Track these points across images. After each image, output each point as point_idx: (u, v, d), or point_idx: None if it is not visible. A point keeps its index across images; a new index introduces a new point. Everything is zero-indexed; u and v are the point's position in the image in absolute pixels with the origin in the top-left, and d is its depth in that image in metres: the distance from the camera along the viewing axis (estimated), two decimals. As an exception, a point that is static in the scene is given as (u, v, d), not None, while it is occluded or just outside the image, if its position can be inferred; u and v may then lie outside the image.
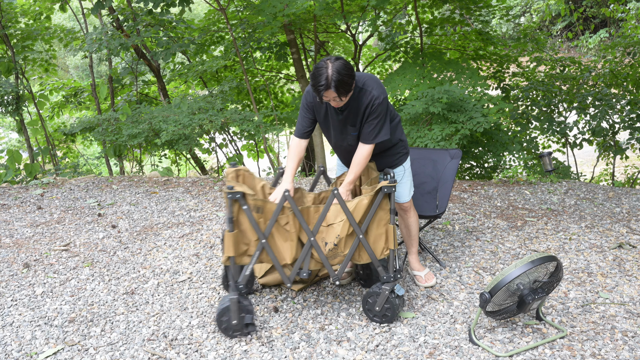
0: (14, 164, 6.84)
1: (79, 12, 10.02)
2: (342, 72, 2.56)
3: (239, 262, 2.73)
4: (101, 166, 11.69)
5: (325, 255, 2.76)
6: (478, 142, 6.58)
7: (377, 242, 2.76)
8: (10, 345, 2.72)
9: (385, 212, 2.73)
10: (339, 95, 2.60)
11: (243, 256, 2.75)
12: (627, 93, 7.54)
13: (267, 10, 6.51)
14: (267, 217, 2.67)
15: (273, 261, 2.73)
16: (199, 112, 6.98)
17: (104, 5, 6.60)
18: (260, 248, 2.70)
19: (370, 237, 2.75)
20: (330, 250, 2.74)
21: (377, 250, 2.77)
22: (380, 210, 2.72)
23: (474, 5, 7.51)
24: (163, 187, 5.82)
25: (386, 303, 2.79)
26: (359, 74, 2.82)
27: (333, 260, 2.79)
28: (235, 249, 2.68)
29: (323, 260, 2.75)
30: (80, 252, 3.96)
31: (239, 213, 2.65)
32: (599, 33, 16.33)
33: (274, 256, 2.72)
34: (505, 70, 8.19)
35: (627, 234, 4.03)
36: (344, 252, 2.77)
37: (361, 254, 2.80)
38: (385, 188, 2.65)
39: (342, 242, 2.72)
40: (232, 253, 2.67)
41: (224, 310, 2.68)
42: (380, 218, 2.73)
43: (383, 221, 2.74)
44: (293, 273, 2.77)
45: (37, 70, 9.17)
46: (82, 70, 23.37)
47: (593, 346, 2.56)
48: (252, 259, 2.71)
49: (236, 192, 2.58)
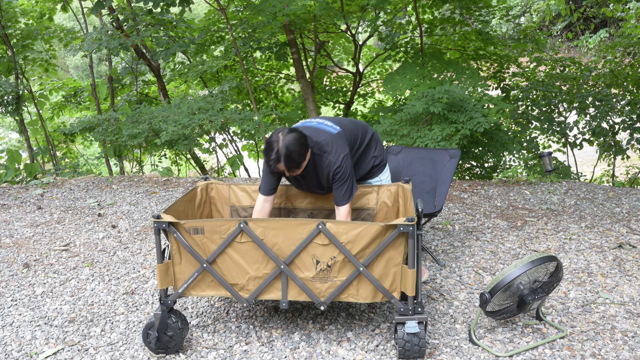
0: (13, 164, 6.84)
1: (79, 12, 10.02)
2: (291, 148, 2.55)
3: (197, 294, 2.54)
4: (101, 166, 11.69)
5: (311, 277, 2.42)
6: (478, 142, 6.58)
7: (383, 281, 2.42)
8: (10, 345, 2.72)
9: (397, 253, 2.37)
10: (288, 170, 2.61)
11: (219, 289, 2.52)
12: (627, 93, 7.54)
13: (267, 10, 6.51)
14: (211, 237, 2.44)
15: (221, 283, 2.49)
16: (199, 112, 6.98)
17: (104, 5, 6.60)
18: (201, 270, 2.48)
19: (374, 273, 2.40)
20: (322, 270, 2.42)
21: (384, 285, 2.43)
22: (391, 248, 2.36)
23: (474, 5, 7.51)
24: (163, 187, 5.82)
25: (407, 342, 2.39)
26: (316, 133, 2.75)
27: (322, 284, 2.44)
28: (163, 281, 2.49)
29: (300, 286, 2.43)
30: (80, 252, 3.96)
31: (175, 242, 2.48)
32: (599, 33, 16.33)
33: (221, 278, 2.48)
34: (505, 71, 8.19)
35: (627, 234, 4.03)
36: (338, 278, 2.42)
37: (359, 290, 2.43)
38: (402, 227, 2.31)
39: (337, 265, 2.41)
40: (160, 286, 2.49)
41: (149, 325, 2.53)
42: (390, 257, 2.38)
43: (393, 262, 2.38)
44: (252, 295, 2.49)
45: (37, 70, 9.16)
46: (82, 70, 23.36)
47: (593, 346, 2.56)
48: (188, 280, 2.50)
49: (162, 222, 2.42)
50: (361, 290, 2.44)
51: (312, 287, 2.46)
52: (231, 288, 2.51)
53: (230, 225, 2.43)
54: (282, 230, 2.41)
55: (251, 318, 2.89)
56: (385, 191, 3.08)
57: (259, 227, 2.42)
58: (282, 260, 2.43)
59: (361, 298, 2.45)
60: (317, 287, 2.45)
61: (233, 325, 2.82)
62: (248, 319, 2.88)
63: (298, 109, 8.82)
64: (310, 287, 2.46)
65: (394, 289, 2.43)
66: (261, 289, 2.49)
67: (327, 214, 3.15)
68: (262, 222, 2.42)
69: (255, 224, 2.42)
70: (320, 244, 2.39)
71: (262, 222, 2.42)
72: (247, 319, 2.88)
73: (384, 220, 3.09)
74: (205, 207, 3.16)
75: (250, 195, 3.22)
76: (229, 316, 2.92)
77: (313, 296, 2.45)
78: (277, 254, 2.44)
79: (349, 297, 2.46)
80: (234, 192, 3.22)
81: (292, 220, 2.40)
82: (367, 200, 3.13)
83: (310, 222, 2.39)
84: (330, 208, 3.13)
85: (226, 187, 3.21)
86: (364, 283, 2.43)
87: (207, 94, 8.77)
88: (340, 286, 2.43)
